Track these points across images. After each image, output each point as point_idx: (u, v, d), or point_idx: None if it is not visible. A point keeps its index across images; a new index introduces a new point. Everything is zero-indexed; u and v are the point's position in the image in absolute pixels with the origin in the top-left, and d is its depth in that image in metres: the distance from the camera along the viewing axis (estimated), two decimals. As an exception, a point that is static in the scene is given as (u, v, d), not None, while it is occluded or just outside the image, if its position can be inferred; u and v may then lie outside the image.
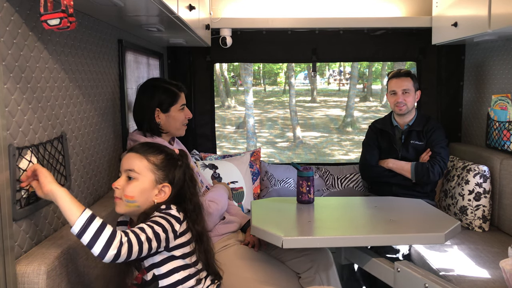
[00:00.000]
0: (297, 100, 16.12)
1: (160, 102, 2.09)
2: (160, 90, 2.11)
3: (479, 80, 3.05)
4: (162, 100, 2.10)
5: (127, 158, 1.46)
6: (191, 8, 2.09)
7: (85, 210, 1.19)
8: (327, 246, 2.08)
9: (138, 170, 1.42)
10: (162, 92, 2.10)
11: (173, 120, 2.12)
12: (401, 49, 3.29)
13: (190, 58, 3.31)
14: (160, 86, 2.13)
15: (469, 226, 2.65)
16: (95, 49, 1.87)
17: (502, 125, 2.66)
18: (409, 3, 3.22)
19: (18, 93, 1.24)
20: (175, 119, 2.12)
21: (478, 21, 2.31)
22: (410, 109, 2.81)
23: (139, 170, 1.42)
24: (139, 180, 1.42)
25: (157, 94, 2.10)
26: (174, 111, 2.11)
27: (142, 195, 1.42)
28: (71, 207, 1.18)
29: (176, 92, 2.13)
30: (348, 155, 12.07)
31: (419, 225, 2.02)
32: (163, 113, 2.10)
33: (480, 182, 2.62)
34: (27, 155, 1.27)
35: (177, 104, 2.12)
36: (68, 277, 1.31)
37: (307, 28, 3.20)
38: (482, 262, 2.18)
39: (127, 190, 1.41)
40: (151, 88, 2.13)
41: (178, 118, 2.13)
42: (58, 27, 1.17)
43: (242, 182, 3.05)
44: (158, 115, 2.10)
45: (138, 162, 1.43)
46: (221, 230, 2.09)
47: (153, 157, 1.45)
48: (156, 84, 2.14)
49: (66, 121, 1.56)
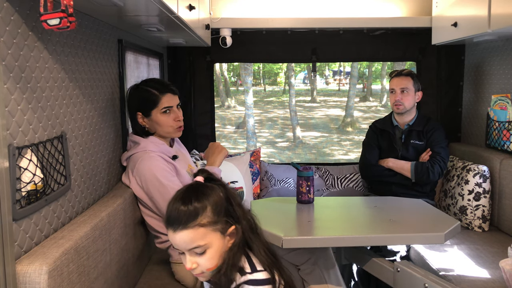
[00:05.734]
0: (297, 100, 16.12)
1: (141, 106, 2.07)
2: (141, 93, 2.08)
3: (479, 80, 3.05)
4: (140, 105, 2.07)
5: (180, 239, 1.22)
6: (191, 8, 2.09)
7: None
8: (327, 246, 2.08)
9: (203, 242, 1.22)
10: (140, 96, 2.07)
11: (157, 124, 2.08)
12: (401, 49, 3.29)
13: (190, 58, 3.31)
14: (142, 89, 2.09)
15: (468, 226, 2.65)
16: (95, 49, 1.87)
17: (502, 125, 2.66)
18: (409, 3, 3.22)
19: (18, 93, 1.24)
20: (159, 123, 2.07)
21: (478, 21, 2.31)
22: (408, 109, 2.82)
23: (203, 242, 1.22)
24: (210, 248, 1.23)
25: (135, 98, 2.09)
26: (155, 115, 2.06)
27: (221, 256, 1.25)
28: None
29: (156, 95, 2.05)
30: (348, 155, 12.08)
31: (419, 225, 2.02)
32: (146, 117, 2.08)
33: (479, 182, 2.62)
34: (27, 154, 1.27)
35: (157, 107, 2.05)
36: (69, 277, 1.31)
37: (307, 28, 3.20)
38: (482, 262, 2.18)
39: (205, 264, 1.24)
40: (135, 91, 2.11)
41: (162, 122, 2.07)
42: (58, 27, 1.17)
43: (242, 182, 3.05)
44: (142, 119, 2.09)
45: (195, 236, 1.21)
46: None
47: (203, 218, 1.22)
48: (140, 87, 2.11)
49: (66, 121, 1.56)
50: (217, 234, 1.24)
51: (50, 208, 1.42)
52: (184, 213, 1.22)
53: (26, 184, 1.25)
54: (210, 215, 1.23)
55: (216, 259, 1.24)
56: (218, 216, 1.24)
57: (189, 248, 1.22)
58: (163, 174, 1.97)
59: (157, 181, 1.95)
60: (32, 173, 1.28)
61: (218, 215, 1.24)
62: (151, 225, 2.07)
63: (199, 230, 1.21)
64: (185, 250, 1.24)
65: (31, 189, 1.27)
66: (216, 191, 1.27)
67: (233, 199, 1.30)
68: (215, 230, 1.23)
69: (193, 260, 1.23)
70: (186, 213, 1.22)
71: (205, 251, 1.22)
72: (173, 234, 1.23)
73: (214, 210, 1.24)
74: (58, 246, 1.31)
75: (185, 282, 2.04)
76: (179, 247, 1.24)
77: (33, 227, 1.31)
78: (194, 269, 1.24)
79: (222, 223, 1.25)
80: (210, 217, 1.23)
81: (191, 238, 1.21)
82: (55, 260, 1.24)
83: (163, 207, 1.96)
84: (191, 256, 1.24)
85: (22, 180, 1.24)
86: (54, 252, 1.27)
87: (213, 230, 1.23)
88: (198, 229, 1.21)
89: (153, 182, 1.95)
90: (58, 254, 1.26)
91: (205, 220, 1.22)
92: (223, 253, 1.25)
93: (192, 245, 1.21)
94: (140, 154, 2.01)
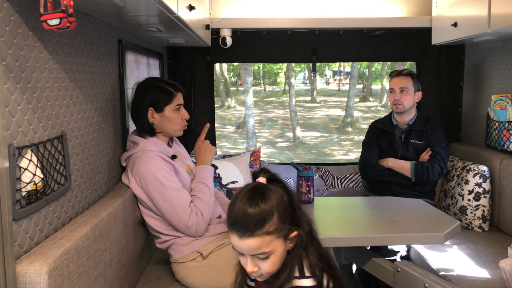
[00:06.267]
0: (297, 100, 16.13)
1: (154, 101, 2.07)
2: (155, 88, 2.09)
3: (478, 80, 3.05)
4: (156, 99, 2.07)
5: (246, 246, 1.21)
6: (191, 8, 2.09)
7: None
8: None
9: (268, 249, 1.21)
10: (156, 91, 2.08)
11: (168, 121, 2.10)
12: (401, 49, 3.30)
13: (190, 58, 3.31)
14: (155, 85, 2.11)
15: (468, 226, 2.65)
16: (95, 49, 1.87)
17: (502, 125, 2.66)
18: (409, 3, 3.22)
19: (18, 93, 1.24)
20: (169, 120, 2.10)
21: (478, 21, 2.31)
22: (407, 109, 2.82)
23: (269, 249, 1.21)
24: (274, 254, 1.23)
25: (151, 93, 2.08)
26: (168, 111, 2.09)
27: (282, 260, 1.26)
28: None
29: (172, 91, 2.10)
30: (348, 155, 12.09)
31: (419, 225, 2.02)
32: (157, 112, 2.08)
33: (479, 182, 2.63)
34: (27, 154, 1.27)
35: (171, 104, 2.09)
36: (69, 277, 1.31)
37: (307, 28, 3.20)
38: (482, 262, 2.18)
39: (266, 269, 1.24)
40: (146, 86, 2.11)
41: (172, 118, 2.10)
42: (58, 27, 1.17)
43: (242, 182, 3.05)
44: (152, 115, 2.08)
45: (262, 244, 1.20)
46: (217, 230, 2.08)
47: (270, 225, 1.20)
48: (151, 83, 2.12)
49: (66, 121, 1.56)
50: (281, 240, 1.23)
51: (50, 208, 1.42)
52: (252, 218, 1.19)
53: (26, 184, 1.26)
54: (276, 222, 1.21)
55: (277, 263, 1.24)
56: (283, 223, 1.23)
57: (252, 254, 1.23)
58: (163, 173, 1.97)
59: (156, 180, 1.95)
60: (32, 173, 1.28)
61: (283, 222, 1.23)
62: (151, 225, 2.07)
63: (265, 238, 1.20)
64: (247, 254, 1.24)
65: (31, 189, 1.27)
66: (280, 194, 1.25)
67: (295, 202, 1.29)
68: (279, 237, 1.23)
69: (254, 264, 1.24)
70: (254, 218, 1.19)
71: (268, 257, 1.22)
72: (238, 239, 1.22)
73: (280, 217, 1.23)
74: (58, 246, 1.31)
75: (185, 282, 2.04)
76: (243, 252, 1.24)
77: (33, 227, 1.31)
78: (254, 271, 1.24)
79: (286, 230, 1.24)
80: (276, 225, 1.21)
81: (257, 246, 1.20)
82: (55, 260, 1.24)
83: (163, 207, 1.97)
84: (253, 260, 1.23)
85: (22, 180, 1.24)
86: (54, 252, 1.27)
87: (278, 237, 1.22)
88: (265, 237, 1.20)
89: (152, 182, 1.95)
90: (58, 254, 1.26)
91: (272, 228, 1.21)
92: (283, 258, 1.25)
93: (257, 252, 1.21)
94: (139, 154, 2.01)
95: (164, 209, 1.96)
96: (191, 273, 2.02)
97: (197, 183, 2.10)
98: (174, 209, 1.95)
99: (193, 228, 1.98)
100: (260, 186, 1.26)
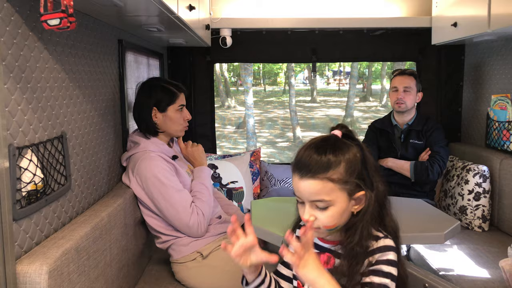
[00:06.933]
0: (297, 100, 16.12)
1: (158, 101, 2.08)
2: (158, 88, 2.10)
3: (478, 80, 3.05)
4: (159, 99, 2.09)
5: (305, 187, 1.14)
6: (191, 8, 2.09)
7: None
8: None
9: (328, 198, 1.13)
10: (160, 91, 2.10)
11: (170, 121, 2.11)
12: (401, 49, 3.30)
13: (190, 58, 3.31)
14: (158, 85, 2.12)
15: (468, 226, 2.65)
16: (95, 49, 1.87)
17: (502, 125, 2.66)
18: (409, 3, 3.22)
19: (18, 93, 1.24)
20: (172, 120, 2.11)
21: (477, 21, 2.32)
22: (409, 108, 2.82)
23: (329, 197, 1.13)
24: (334, 206, 1.15)
25: (154, 93, 2.09)
26: (171, 111, 2.11)
27: (342, 217, 1.17)
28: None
29: (175, 91, 2.12)
30: (348, 155, 12.06)
31: (418, 225, 2.02)
32: (160, 112, 2.09)
33: (479, 182, 2.63)
34: (28, 154, 1.27)
35: (175, 104, 2.11)
36: (69, 277, 1.31)
37: (307, 28, 3.21)
38: (482, 262, 2.18)
39: (324, 221, 1.15)
40: (150, 86, 2.12)
41: (175, 118, 2.12)
42: (58, 27, 1.17)
43: (242, 182, 3.05)
44: (155, 114, 2.09)
45: (322, 189, 1.13)
46: (217, 230, 2.09)
47: (334, 173, 1.13)
48: (155, 83, 2.14)
49: (66, 121, 1.56)
50: (344, 194, 1.15)
51: (51, 208, 1.42)
52: (316, 162, 1.13)
53: (26, 184, 1.26)
54: (342, 172, 1.13)
55: (336, 218, 1.16)
56: (350, 176, 1.15)
57: (312, 199, 1.14)
58: (164, 174, 1.97)
59: (157, 181, 1.95)
60: (32, 173, 1.28)
61: (350, 175, 1.15)
62: (151, 225, 2.07)
63: (327, 184, 1.13)
64: (307, 201, 1.15)
65: (31, 189, 1.27)
66: (353, 149, 1.18)
67: (368, 162, 1.20)
68: (343, 189, 1.14)
69: (312, 212, 1.15)
70: (318, 162, 1.13)
71: (327, 208, 1.14)
72: (298, 180, 1.15)
73: (348, 169, 1.14)
74: (58, 246, 1.31)
75: (185, 282, 2.05)
76: (301, 195, 1.16)
77: (33, 227, 1.31)
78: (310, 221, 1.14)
79: (352, 185, 1.15)
80: (342, 174, 1.13)
81: (317, 189, 1.13)
82: (55, 260, 1.24)
83: (164, 207, 1.97)
84: (311, 209, 1.15)
85: (22, 180, 1.24)
86: (54, 252, 1.27)
87: (341, 188, 1.14)
88: (327, 182, 1.12)
89: (153, 182, 1.96)
90: (58, 254, 1.27)
91: (336, 176, 1.13)
92: (344, 215, 1.17)
93: (316, 197, 1.14)
94: (140, 154, 2.01)
95: (165, 210, 1.96)
96: (191, 273, 2.02)
97: (195, 184, 2.11)
98: (175, 209, 1.95)
99: (194, 228, 1.98)
100: (332, 137, 1.20)
